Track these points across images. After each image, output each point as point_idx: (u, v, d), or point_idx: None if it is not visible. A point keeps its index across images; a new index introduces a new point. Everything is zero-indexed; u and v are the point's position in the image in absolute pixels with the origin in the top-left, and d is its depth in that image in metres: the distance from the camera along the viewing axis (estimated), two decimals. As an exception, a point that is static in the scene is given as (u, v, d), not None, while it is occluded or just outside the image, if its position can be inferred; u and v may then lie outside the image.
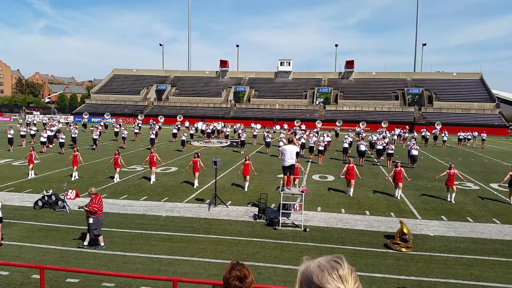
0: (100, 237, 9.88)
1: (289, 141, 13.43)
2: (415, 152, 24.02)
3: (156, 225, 11.76)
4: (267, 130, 33.70)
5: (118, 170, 18.00)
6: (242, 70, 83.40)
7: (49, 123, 39.74)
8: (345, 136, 28.51)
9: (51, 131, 30.81)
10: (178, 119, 53.39)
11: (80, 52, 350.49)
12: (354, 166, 16.36)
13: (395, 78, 74.76)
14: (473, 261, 9.55)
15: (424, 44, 79.97)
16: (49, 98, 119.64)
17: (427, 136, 39.75)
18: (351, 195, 15.99)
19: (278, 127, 47.92)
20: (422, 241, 10.82)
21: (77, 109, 75.55)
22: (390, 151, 24.66)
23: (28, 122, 47.65)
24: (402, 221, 10.68)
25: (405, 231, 10.18)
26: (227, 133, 37.86)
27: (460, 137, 39.77)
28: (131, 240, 10.46)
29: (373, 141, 29.01)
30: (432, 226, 12.26)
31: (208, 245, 10.23)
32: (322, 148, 25.27)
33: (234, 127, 43.03)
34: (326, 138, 29.46)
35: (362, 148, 24.78)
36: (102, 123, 47.88)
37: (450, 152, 33.27)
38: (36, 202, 13.35)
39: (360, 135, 32.93)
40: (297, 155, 13.78)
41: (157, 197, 15.16)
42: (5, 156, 24.85)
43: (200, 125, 45.00)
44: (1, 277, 8.15)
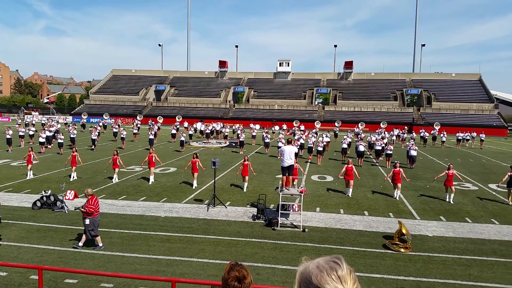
0: (98, 238, 9.86)
1: (288, 142, 13.45)
2: (414, 153, 24.05)
3: (155, 226, 11.75)
4: (266, 131, 33.67)
5: (117, 171, 17.99)
6: (241, 71, 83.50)
7: (48, 124, 39.72)
8: (344, 137, 28.54)
9: (50, 132, 30.77)
10: (177, 120, 53.41)
11: (79, 53, 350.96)
12: (353, 167, 16.36)
13: (394, 79, 74.89)
14: (472, 262, 9.56)
15: (423, 45, 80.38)
16: (48, 99, 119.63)
17: (426, 137, 39.77)
18: (350, 196, 15.99)
19: (277, 128, 47.93)
20: (421, 242, 10.83)
21: (76, 110, 75.53)
22: (389, 152, 24.69)
23: (27, 123, 47.60)
24: (401, 222, 10.69)
25: (404, 232, 10.19)
26: (226, 134, 37.89)
27: (459, 138, 39.83)
28: (130, 241, 10.45)
29: (372, 142, 29.06)
30: (431, 227, 12.27)
31: (207, 246, 10.22)
32: (321, 149, 25.28)
33: (233, 128, 43.05)
34: (325, 139, 29.50)
35: (361, 149, 24.81)
36: (101, 124, 47.90)
37: (449, 153, 33.31)
38: (35, 203, 13.33)
39: (359, 136, 32.95)
40: (296, 156, 13.77)
41: (156, 198, 15.15)
42: (4, 157, 24.81)
43: (199, 126, 45.01)
44: (0, 278, 8.13)
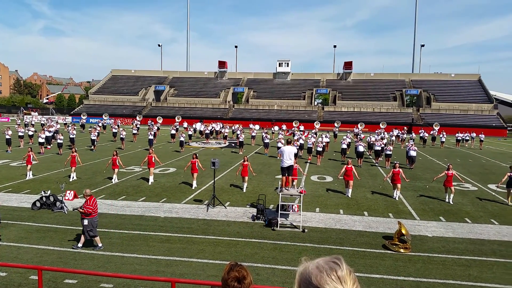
0: (97, 238, 9.85)
1: (288, 142, 13.46)
2: (413, 153, 24.06)
3: (155, 226, 11.74)
4: (266, 131, 33.70)
5: (117, 171, 17.98)
6: (241, 71, 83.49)
7: (47, 124, 39.69)
8: (344, 137, 28.54)
9: (49, 132, 30.75)
10: (177, 120, 53.41)
11: (79, 53, 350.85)
12: (353, 167, 16.37)
13: (394, 79, 74.91)
14: (471, 262, 9.57)
15: (423, 45, 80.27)
16: (47, 99, 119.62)
17: (425, 137, 39.78)
18: (350, 196, 16.00)
19: (277, 128, 47.93)
20: (421, 242, 10.83)
21: (75, 110, 75.45)
22: (389, 152, 24.70)
23: (26, 123, 47.58)
24: (401, 222, 10.70)
25: (404, 232, 10.19)
26: (226, 134, 37.88)
27: (458, 138, 39.82)
28: (129, 241, 10.44)
29: (372, 142, 29.07)
30: (431, 227, 12.28)
31: (207, 246, 10.22)
32: (321, 149, 25.28)
33: (233, 128, 43.05)
34: (325, 139, 29.51)
35: (361, 149, 24.82)
36: (101, 124, 47.89)
37: (448, 153, 33.32)
38: (34, 203, 13.32)
39: (359, 136, 32.97)
40: (296, 156, 13.78)
41: (156, 198, 15.15)
42: (3, 157, 24.79)
43: (199, 126, 45.01)
44: (0, 278, 8.13)
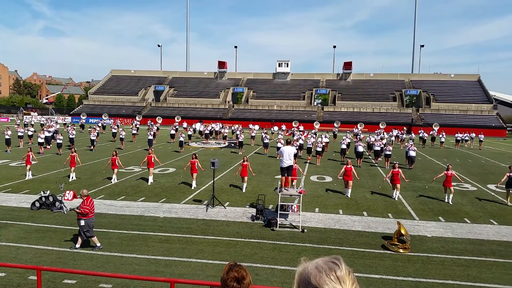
0: (94, 238, 9.83)
1: (287, 142, 13.46)
2: (413, 153, 24.07)
3: (154, 226, 11.74)
4: (265, 131, 33.68)
5: (116, 171, 17.97)
6: (240, 71, 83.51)
7: (47, 124, 39.68)
8: (343, 137, 28.54)
9: (49, 132, 30.73)
10: (176, 120, 53.40)
11: (78, 53, 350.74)
12: (352, 167, 16.38)
13: (393, 80, 74.97)
14: (471, 262, 9.57)
15: (422, 46, 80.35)
16: (47, 99, 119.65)
17: (425, 137, 39.80)
18: (349, 196, 16.00)
19: (276, 128, 47.94)
20: (420, 242, 10.84)
21: (75, 110, 75.42)
22: (388, 152, 24.71)
23: (26, 123, 47.56)
24: (400, 222, 10.70)
25: (403, 232, 10.19)
26: (225, 134, 37.88)
27: (458, 138, 39.85)
28: (129, 241, 10.44)
29: (371, 142, 29.09)
30: (430, 227, 12.28)
31: (206, 246, 10.22)
32: (320, 149, 25.29)
33: (232, 128, 43.06)
34: (324, 139, 29.50)
35: (360, 149, 24.83)
36: (100, 124, 47.88)
37: (448, 153, 33.34)
38: (34, 203, 13.31)
39: (358, 136, 32.96)
40: (295, 156, 13.78)
41: (155, 198, 15.14)
42: (3, 157, 24.77)
43: (198, 126, 45.00)
44: (-2, 279, 8.12)
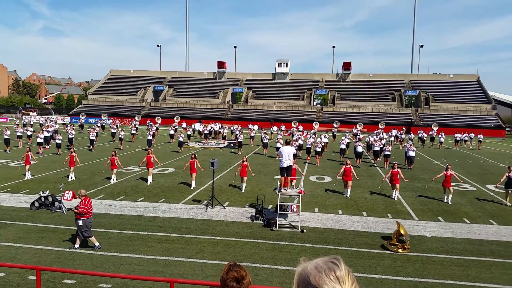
0: (92, 238, 9.81)
1: (286, 143, 13.46)
2: (412, 153, 24.10)
3: (153, 226, 11.73)
4: (265, 131, 33.70)
5: (115, 171, 17.95)
6: (240, 71, 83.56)
7: (46, 124, 39.66)
8: (342, 138, 28.54)
9: (48, 132, 30.71)
10: (176, 120, 53.39)
11: (77, 53, 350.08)
12: (351, 167, 16.38)
13: (392, 80, 75.04)
14: (470, 262, 9.58)
15: (421, 46, 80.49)
16: (46, 99, 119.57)
17: (424, 138, 39.84)
18: (348, 196, 16.01)
19: (276, 128, 47.95)
20: (419, 242, 10.84)
21: (74, 110, 75.40)
22: (387, 152, 24.73)
23: (25, 123, 47.52)
24: (399, 222, 10.70)
25: (402, 232, 10.20)
26: (225, 134, 37.88)
27: (457, 139, 39.88)
28: (128, 241, 10.43)
29: (370, 142, 29.11)
30: (429, 227, 12.29)
31: (205, 246, 10.22)
32: (319, 149, 25.30)
33: (232, 128, 43.05)
34: (324, 139, 29.53)
35: (359, 149, 24.84)
36: (99, 124, 47.84)
37: (447, 154, 33.37)
38: (33, 203, 13.30)
39: (358, 137, 32.98)
40: (295, 156, 13.79)
41: (154, 198, 15.13)
42: (2, 157, 24.74)
43: (198, 126, 44.99)
44: (-3, 279, 8.11)
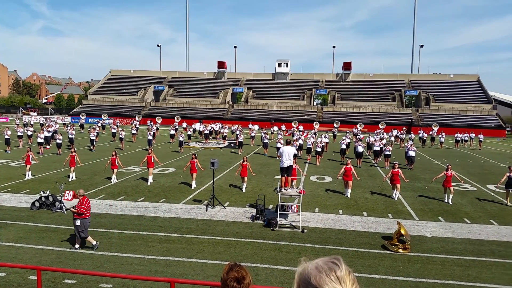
0: (88, 238, 9.82)
1: (287, 142, 13.46)
2: (413, 153, 24.08)
3: (154, 226, 11.74)
4: (265, 131, 33.69)
5: (116, 171, 17.96)
6: (240, 71, 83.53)
7: (46, 124, 39.67)
8: (343, 137, 28.53)
9: (48, 132, 30.72)
10: (176, 120, 53.40)
11: (78, 53, 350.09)
12: (352, 167, 16.38)
13: (393, 80, 75.00)
14: (471, 262, 9.58)
15: (422, 46, 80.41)
16: (46, 99, 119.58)
17: (424, 138, 39.82)
18: (349, 196, 16.00)
19: (276, 128, 47.94)
20: (420, 242, 10.84)
21: (74, 110, 75.38)
22: (388, 152, 24.72)
23: (25, 123, 47.53)
24: (400, 222, 10.70)
25: (403, 232, 10.20)
26: (225, 134, 37.88)
27: (457, 139, 39.87)
28: (129, 241, 10.44)
29: (371, 142, 29.10)
30: (430, 227, 12.29)
31: (206, 246, 10.22)
32: (320, 149, 25.30)
33: (232, 128, 43.05)
34: (324, 139, 29.51)
35: (360, 149, 24.84)
36: (100, 124, 47.86)
37: (447, 154, 33.35)
38: (33, 203, 13.31)
39: (358, 137, 32.96)
40: (295, 156, 13.79)
41: (155, 198, 15.14)
42: (2, 157, 24.75)
43: (198, 126, 44.99)
44: (-2, 279, 8.11)
